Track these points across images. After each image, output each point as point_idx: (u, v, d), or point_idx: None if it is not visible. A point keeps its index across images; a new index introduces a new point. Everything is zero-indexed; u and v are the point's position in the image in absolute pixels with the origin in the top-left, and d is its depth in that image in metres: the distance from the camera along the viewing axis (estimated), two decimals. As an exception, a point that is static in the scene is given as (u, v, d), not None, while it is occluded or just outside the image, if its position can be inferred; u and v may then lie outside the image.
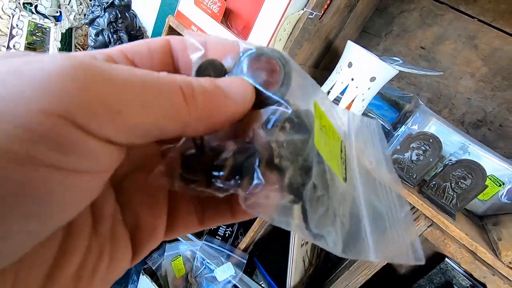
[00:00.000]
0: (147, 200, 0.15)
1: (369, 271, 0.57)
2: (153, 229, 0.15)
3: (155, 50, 0.15)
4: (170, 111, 0.11)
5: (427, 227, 0.50)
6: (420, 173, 0.56)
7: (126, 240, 0.14)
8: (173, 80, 0.12)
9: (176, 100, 0.11)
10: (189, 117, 0.12)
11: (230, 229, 0.92)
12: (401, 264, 0.91)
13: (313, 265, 0.87)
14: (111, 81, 0.10)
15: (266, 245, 0.97)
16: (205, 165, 0.13)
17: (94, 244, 0.12)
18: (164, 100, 0.11)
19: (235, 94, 0.13)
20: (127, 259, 0.14)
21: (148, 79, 0.11)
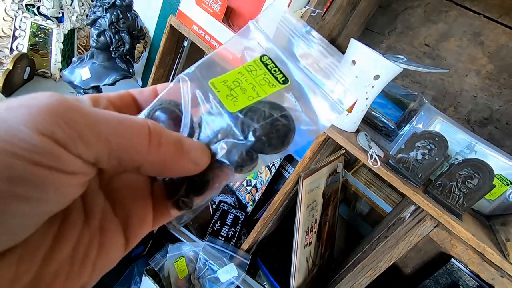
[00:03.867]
0: (134, 194, 0.17)
1: (374, 272, 0.57)
2: (143, 218, 0.17)
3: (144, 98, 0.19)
4: (130, 149, 0.14)
5: (433, 227, 0.50)
6: (426, 173, 0.55)
7: (117, 230, 0.16)
8: (145, 123, 0.15)
9: (141, 140, 0.14)
10: (146, 158, 0.14)
11: (233, 229, 0.91)
12: (407, 264, 0.90)
13: (317, 265, 0.86)
14: (87, 116, 0.13)
15: (269, 246, 0.96)
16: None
17: (85, 234, 0.15)
18: (129, 138, 0.14)
19: (192, 157, 0.16)
20: (119, 247, 0.16)
21: (123, 117, 0.14)
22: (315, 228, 0.80)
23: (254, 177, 1.04)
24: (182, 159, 0.15)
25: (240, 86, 0.18)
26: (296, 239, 0.69)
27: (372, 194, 1.02)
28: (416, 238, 0.51)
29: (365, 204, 1.06)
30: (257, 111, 0.17)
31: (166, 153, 0.15)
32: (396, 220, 0.69)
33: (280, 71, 0.19)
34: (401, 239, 0.53)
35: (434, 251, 0.84)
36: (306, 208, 0.71)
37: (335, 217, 0.99)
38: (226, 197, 1.04)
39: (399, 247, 0.53)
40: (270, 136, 0.17)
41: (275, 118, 0.17)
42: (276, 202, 0.69)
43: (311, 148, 0.63)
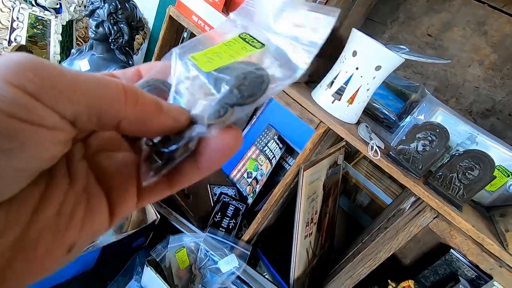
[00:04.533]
0: (119, 170, 0.18)
1: (373, 262, 0.57)
2: (126, 192, 0.17)
3: (126, 78, 0.19)
4: (107, 103, 0.14)
5: (433, 218, 0.50)
6: (426, 164, 0.55)
7: (101, 199, 0.17)
8: (119, 82, 0.15)
9: (116, 96, 0.14)
10: (124, 114, 0.15)
11: (234, 221, 0.92)
12: (406, 255, 0.91)
13: (317, 256, 0.87)
14: (63, 73, 0.13)
15: (269, 237, 0.97)
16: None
17: (70, 195, 0.15)
18: (104, 93, 0.14)
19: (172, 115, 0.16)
20: (103, 214, 0.17)
21: (97, 76, 0.14)
22: (315, 219, 0.81)
23: (255, 169, 1.04)
24: (161, 116, 0.16)
25: (218, 55, 0.19)
26: (297, 230, 0.70)
27: (372, 186, 1.02)
28: (416, 229, 0.51)
29: (365, 196, 1.07)
30: (230, 67, 0.18)
31: (144, 110, 0.15)
32: (396, 212, 0.69)
33: (257, 41, 0.20)
34: (400, 230, 0.53)
35: (433, 242, 0.85)
36: (307, 200, 0.72)
37: (335, 208, 0.99)
38: (227, 189, 1.05)
39: (399, 238, 0.53)
40: (241, 86, 0.17)
41: (248, 70, 0.18)
42: (276, 194, 0.70)
43: (311, 140, 0.62)
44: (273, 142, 1.01)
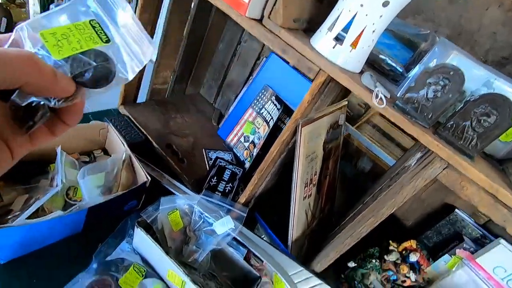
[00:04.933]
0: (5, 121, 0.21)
1: (374, 219, 0.54)
2: (16, 138, 0.22)
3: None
4: (17, 72, 0.18)
5: (443, 169, 0.45)
6: (437, 112, 0.50)
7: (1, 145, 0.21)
8: (31, 54, 0.19)
9: (28, 67, 0.18)
10: (30, 81, 0.19)
11: (231, 185, 0.89)
12: (408, 217, 0.88)
13: (316, 218, 0.84)
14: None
15: (268, 200, 0.94)
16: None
17: None
18: (18, 64, 0.18)
19: (63, 83, 0.21)
20: (6, 155, 0.21)
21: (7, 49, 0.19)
22: (315, 181, 0.77)
23: (252, 132, 0.99)
24: (56, 84, 0.20)
25: (67, 39, 0.21)
26: (295, 190, 0.66)
27: (375, 148, 0.98)
28: (423, 182, 0.47)
29: (368, 162, 1.02)
30: (77, 58, 0.21)
31: (44, 79, 0.19)
32: (400, 170, 0.65)
33: (104, 33, 0.23)
34: (406, 185, 0.49)
35: (437, 202, 0.82)
36: (305, 159, 0.67)
37: (336, 171, 0.95)
38: (223, 154, 1.01)
39: (403, 193, 0.49)
40: (92, 77, 0.22)
41: (94, 65, 0.22)
42: (273, 152, 0.65)
43: (310, 91, 0.57)
44: (270, 103, 0.95)
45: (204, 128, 1.09)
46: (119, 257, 0.58)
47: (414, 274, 0.72)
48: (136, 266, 0.57)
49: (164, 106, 1.08)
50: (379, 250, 0.78)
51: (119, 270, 0.56)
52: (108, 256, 0.59)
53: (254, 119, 0.99)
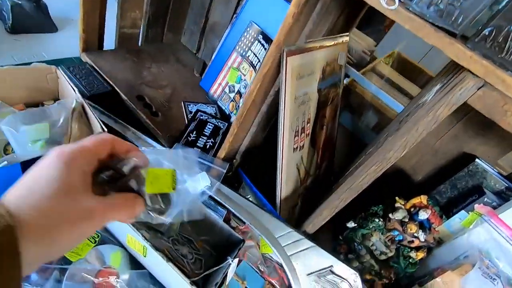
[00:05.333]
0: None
1: (379, 166, 0.42)
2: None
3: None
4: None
5: (477, 89, 0.32)
6: (468, 16, 0.36)
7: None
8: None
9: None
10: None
11: (212, 140, 0.77)
12: (417, 171, 0.77)
13: (311, 175, 0.73)
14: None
15: (256, 158, 0.83)
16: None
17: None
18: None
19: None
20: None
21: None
22: (308, 130, 0.65)
23: (238, 80, 0.86)
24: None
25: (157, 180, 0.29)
26: (281, 138, 0.54)
27: (384, 95, 0.84)
28: (447, 110, 0.34)
29: (374, 114, 0.88)
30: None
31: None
32: (412, 110, 0.52)
33: (175, 184, 0.31)
34: (422, 118, 0.37)
35: (453, 152, 0.70)
36: (294, 100, 0.55)
37: (335, 122, 0.83)
38: (206, 107, 0.88)
39: (419, 128, 0.37)
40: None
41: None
42: (253, 91, 0.52)
43: (294, 2, 0.42)
44: (256, 43, 0.80)
45: (184, 80, 0.95)
46: (68, 221, 0.49)
47: (424, 234, 0.62)
48: (87, 230, 0.47)
49: (136, 55, 0.93)
50: (383, 208, 0.68)
51: (67, 235, 0.46)
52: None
53: (239, 65, 0.85)
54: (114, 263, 0.48)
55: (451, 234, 0.66)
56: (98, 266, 0.44)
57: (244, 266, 0.59)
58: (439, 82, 0.49)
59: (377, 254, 0.67)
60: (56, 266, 0.43)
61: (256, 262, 0.61)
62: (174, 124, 0.79)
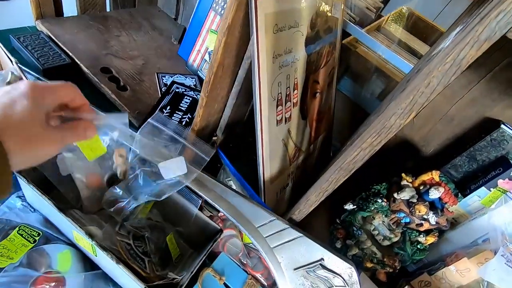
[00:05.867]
0: None
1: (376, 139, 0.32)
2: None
3: None
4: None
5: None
6: None
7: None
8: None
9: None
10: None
11: (189, 115, 0.67)
12: (429, 142, 0.66)
13: (303, 151, 0.63)
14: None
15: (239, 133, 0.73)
16: None
17: None
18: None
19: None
20: None
21: None
22: (295, 98, 0.54)
23: (217, 45, 0.74)
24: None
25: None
26: (258, 107, 0.44)
27: (393, 55, 0.71)
28: (474, 51, 0.23)
29: (380, 79, 0.76)
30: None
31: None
32: (424, 64, 0.41)
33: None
34: (435, 69, 0.26)
35: (472, 118, 0.58)
36: (272, 59, 0.43)
37: (331, 89, 0.71)
38: (184, 79, 0.77)
39: (431, 82, 0.26)
40: None
41: None
42: (217, 50, 0.41)
43: None
44: (236, -2, 0.67)
45: (160, 49, 0.84)
46: (1, 218, 0.40)
47: (435, 216, 0.52)
48: (23, 228, 0.39)
49: (103, 22, 0.82)
50: (387, 187, 0.58)
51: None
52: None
53: (218, 26, 0.73)
54: (62, 265, 0.41)
55: (467, 215, 0.56)
56: (35, 272, 0.37)
57: (223, 259, 0.51)
58: (459, 25, 0.38)
59: (379, 239, 0.58)
60: (-17, 274, 0.36)
61: (237, 254, 0.53)
62: (145, 99, 0.69)
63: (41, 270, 0.39)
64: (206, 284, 0.47)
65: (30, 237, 0.39)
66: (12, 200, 0.43)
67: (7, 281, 0.35)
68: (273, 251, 0.45)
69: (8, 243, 0.37)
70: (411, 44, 0.90)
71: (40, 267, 0.39)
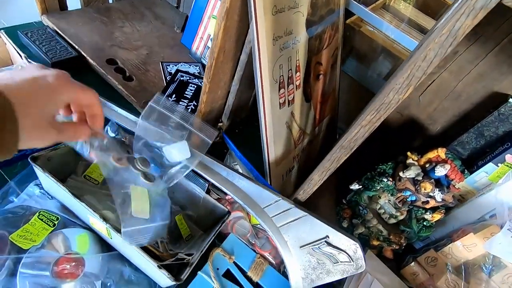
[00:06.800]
0: None
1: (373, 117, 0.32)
2: None
3: None
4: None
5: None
6: None
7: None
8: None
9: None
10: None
11: (194, 103, 0.68)
12: (435, 119, 0.65)
13: (308, 134, 0.64)
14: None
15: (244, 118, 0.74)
16: None
17: None
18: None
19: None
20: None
21: None
22: (298, 80, 0.54)
23: (219, 32, 0.74)
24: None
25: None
26: (260, 90, 0.44)
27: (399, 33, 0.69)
28: (470, 20, 0.23)
29: (387, 60, 0.75)
30: None
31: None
32: (424, 38, 0.40)
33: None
34: (432, 41, 0.26)
35: (480, 93, 0.57)
36: (272, 41, 0.44)
37: (334, 70, 0.71)
38: (188, 67, 0.78)
39: (428, 55, 0.26)
40: None
41: None
42: (217, 34, 0.42)
43: None
44: (235, -19, 0.67)
45: (163, 38, 0.84)
46: (22, 205, 0.43)
47: (441, 193, 0.52)
48: (43, 213, 0.42)
49: (106, 14, 0.82)
50: (393, 166, 0.58)
51: (21, 221, 0.41)
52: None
53: (219, 12, 0.72)
54: (81, 247, 0.43)
55: (474, 191, 0.56)
56: (57, 254, 0.39)
57: (232, 240, 0.53)
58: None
59: (385, 217, 0.59)
60: (9, 256, 0.38)
61: (246, 235, 0.55)
62: (151, 89, 0.70)
63: (61, 251, 0.41)
64: (216, 263, 0.49)
65: (49, 221, 0.42)
66: (31, 188, 0.46)
67: (31, 262, 0.38)
68: (280, 230, 0.46)
69: (30, 227, 0.40)
70: (420, 21, 0.88)
71: (60, 249, 0.42)
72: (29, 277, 0.38)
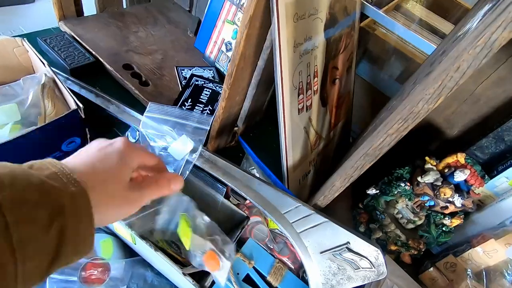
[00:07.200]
0: None
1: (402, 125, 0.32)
2: None
3: None
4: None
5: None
6: None
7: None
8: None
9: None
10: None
11: (210, 107, 0.69)
12: (453, 123, 0.64)
13: (324, 138, 0.64)
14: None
15: (259, 122, 0.74)
16: None
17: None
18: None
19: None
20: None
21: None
22: (316, 85, 0.55)
23: (234, 35, 0.74)
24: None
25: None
26: (280, 96, 0.45)
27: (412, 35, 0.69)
28: (507, 32, 0.23)
29: (400, 62, 0.74)
30: None
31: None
32: (449, 45, 0.40)
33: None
34: (464, 52, 0.25)
35: (500, 97, 0.57)
36: (293, 48, 0.44)
37: (350, 74, 0.71)
38: (202, 71, 0.79)
39: (461, 66, 0.26)
40: None
41: None
42: (239, 42, 0.42)
43: None
44: (251, -14, 0.67)
45: (177, 42, 0.85)
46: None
47: (461, 198, 0.52)
48: (69, 220, 0.43)
49: (121, 19, 0.83)
50: (410, 171, 0.58)
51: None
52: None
53: (234, 16, 0.73)
54: (105, 252, 0.44)
55: (495, 196, 0.56)
56: (82, 259, 0.40)
57: (251, 245, 0.54)
58: (488, 3, 0.36)
59: (403, 222, 0.59)
60: (37, 261, 0.39)
61: (264, 239, 0.55)
62: (166, 93, 0.71)
63: (88, 257, 0.42)
64: (236, 268, 0.50)
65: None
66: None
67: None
68: (300, 236, 0.47)
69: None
70: (432, 22, 0.87)
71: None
72: (58, 282, 0.38)
